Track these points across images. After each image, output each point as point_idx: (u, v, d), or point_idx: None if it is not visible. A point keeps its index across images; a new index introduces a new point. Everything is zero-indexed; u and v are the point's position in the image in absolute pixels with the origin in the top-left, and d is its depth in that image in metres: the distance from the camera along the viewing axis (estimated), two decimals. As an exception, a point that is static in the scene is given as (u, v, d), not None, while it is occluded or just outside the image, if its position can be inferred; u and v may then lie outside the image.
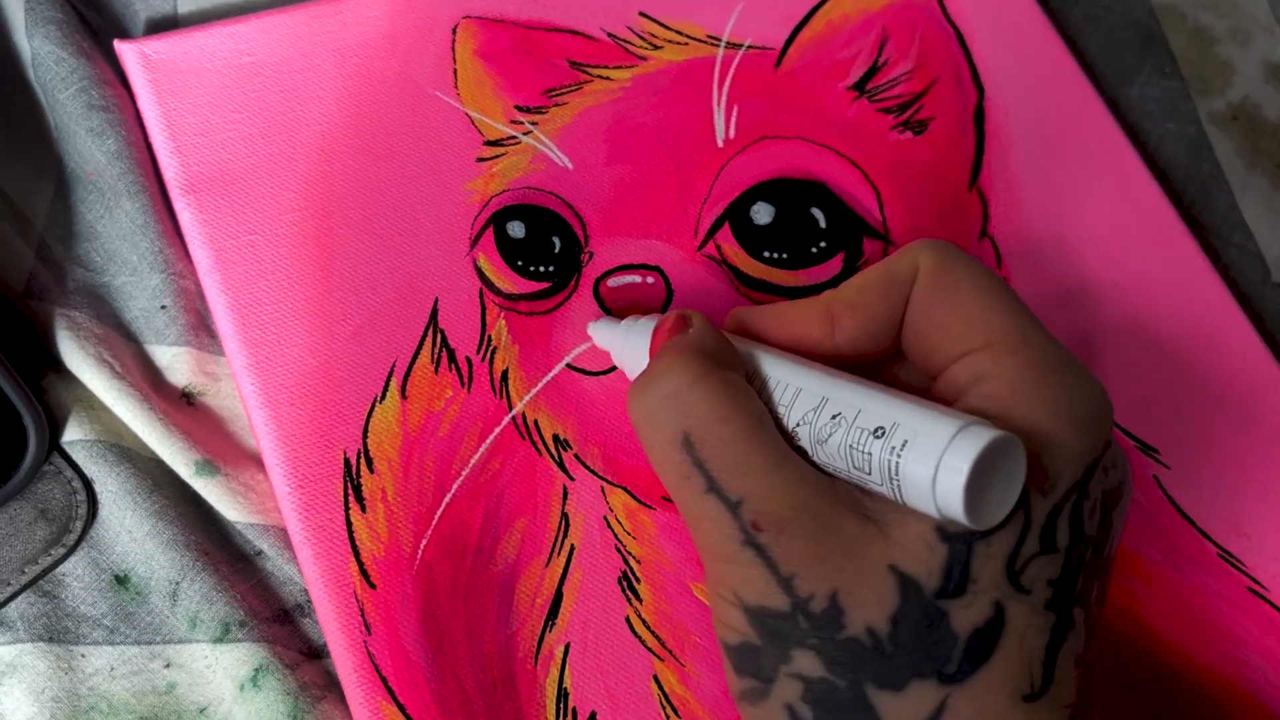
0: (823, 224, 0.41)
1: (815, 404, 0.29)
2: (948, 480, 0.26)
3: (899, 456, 0.27)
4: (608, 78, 0.43)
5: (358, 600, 0.34)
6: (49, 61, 0.39)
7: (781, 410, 0.30)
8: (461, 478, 0.36)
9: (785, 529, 0.28)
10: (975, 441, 0.26)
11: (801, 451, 0.29)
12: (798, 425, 0.29)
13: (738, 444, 0.28)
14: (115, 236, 0.39)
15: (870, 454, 0.28)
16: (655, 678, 0.34)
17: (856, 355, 0.31)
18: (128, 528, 0.35)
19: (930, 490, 0.26)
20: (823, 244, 0.41)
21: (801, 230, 0.41)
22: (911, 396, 0.29)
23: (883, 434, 0.27)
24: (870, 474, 0.28)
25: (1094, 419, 0.28)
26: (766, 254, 0.40)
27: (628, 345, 0.35)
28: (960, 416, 0.27)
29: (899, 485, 0.27)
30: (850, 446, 0.28)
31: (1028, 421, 0.28)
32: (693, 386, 0.29)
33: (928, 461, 0.26)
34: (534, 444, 0.37)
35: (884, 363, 0.32)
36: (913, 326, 0.31)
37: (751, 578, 0.28)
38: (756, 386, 0.31)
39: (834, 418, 0.29)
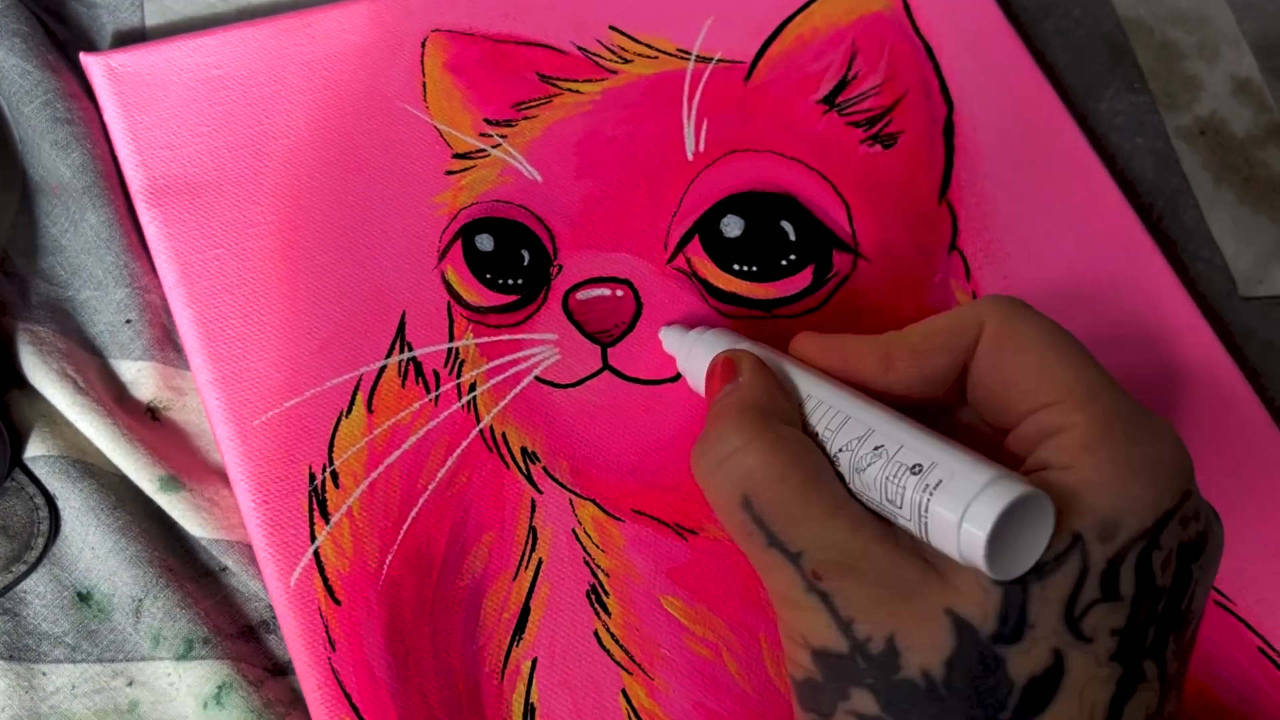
0: (792, 237, 0.41)
1: (860, 433, 0.30)
2: (971, 529, 0.26)
3: (930, 495, 0.27)
4: (578, 91, 0.43)
5: (322, 617, 0.34)
6: (13, 74, 0.39)
7: (826, 435, 0.30)
8: (428, 491, 0.36)
9: (844, 576, 0.28)
10: (1005, 494, 0.26)
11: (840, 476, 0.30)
12: (839, 451, 0.30)
13: (795, 499, 0.29)
14: (80, 250, 0.38)
15: (904, 489, 0.28)
16: (624, 692, 0.34)
17: (908, 397, 0.32)
18: (90, 544, 0.35)
19: (955, 534, 0.27)
20: (792, 257, 0.41)
21: (771, 243, 0.41)
22: (955, 443, 0.29)
23: (919, 471, 0.28)
24: (901, 509, 0.28)
25: (1167, 470, 0.28)
26: (736, 267, 0.40)
27: (691, 359, 0.36)
28: (997, 468, 0.27)
29: (926, 524, 0.27)
30: (886, 479, 0.28)
31: (1092, 473, 0.28)
32: (746, 450, 0.30)
33: (956, 506, 0.27)
34: (501, 457, 0.37)
35: (942, 406, 0.32)
36: (980, 382, 0.31)
37: (815, 622, 0.29)
38: (808, 409, 0.31)
39: (876, 449, 0.29)
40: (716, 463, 0.30)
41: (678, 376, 0.38)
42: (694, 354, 0.36)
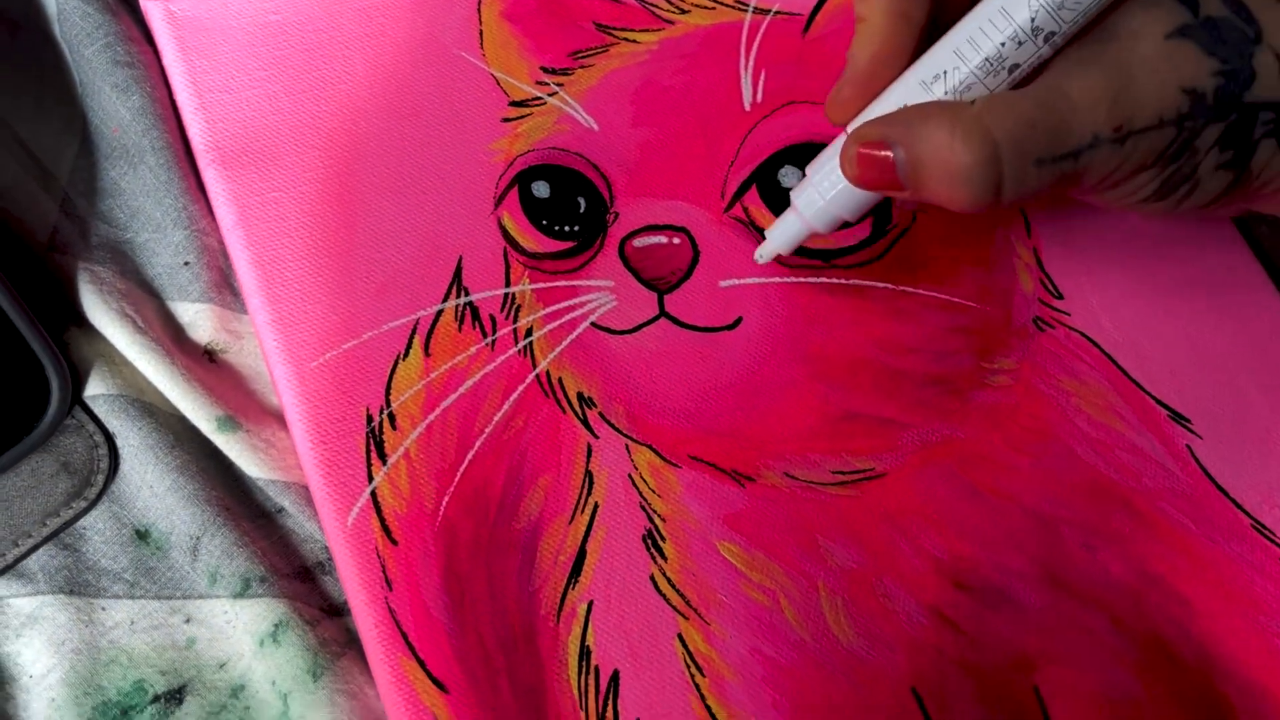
0: (851, 189, 0.41)
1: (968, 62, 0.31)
2: None
3: None
4: (634, 41, 0.42)
5: (379, 556, 0.34)
6: (74, 16, 0.39)
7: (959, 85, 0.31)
8: (484, 435, 0.36)
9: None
10: None
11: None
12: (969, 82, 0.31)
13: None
14: (139, 193, 0.38)
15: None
16: (679, 636, 0.34)
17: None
18: (149, 482, 0.35)
19: None
20: (851, 208, 0.40)
21: (829, 195, 0.40)
22: None
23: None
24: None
25: None
26: (794, 217, 0.40)
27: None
28: None
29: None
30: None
31: None
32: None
33: None
34: (558, 402, 0.36)
35: None
36: None
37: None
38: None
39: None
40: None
41: (735, 324, 0.38)
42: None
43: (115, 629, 0.34)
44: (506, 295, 0.38)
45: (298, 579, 0.35)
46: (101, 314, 0.36)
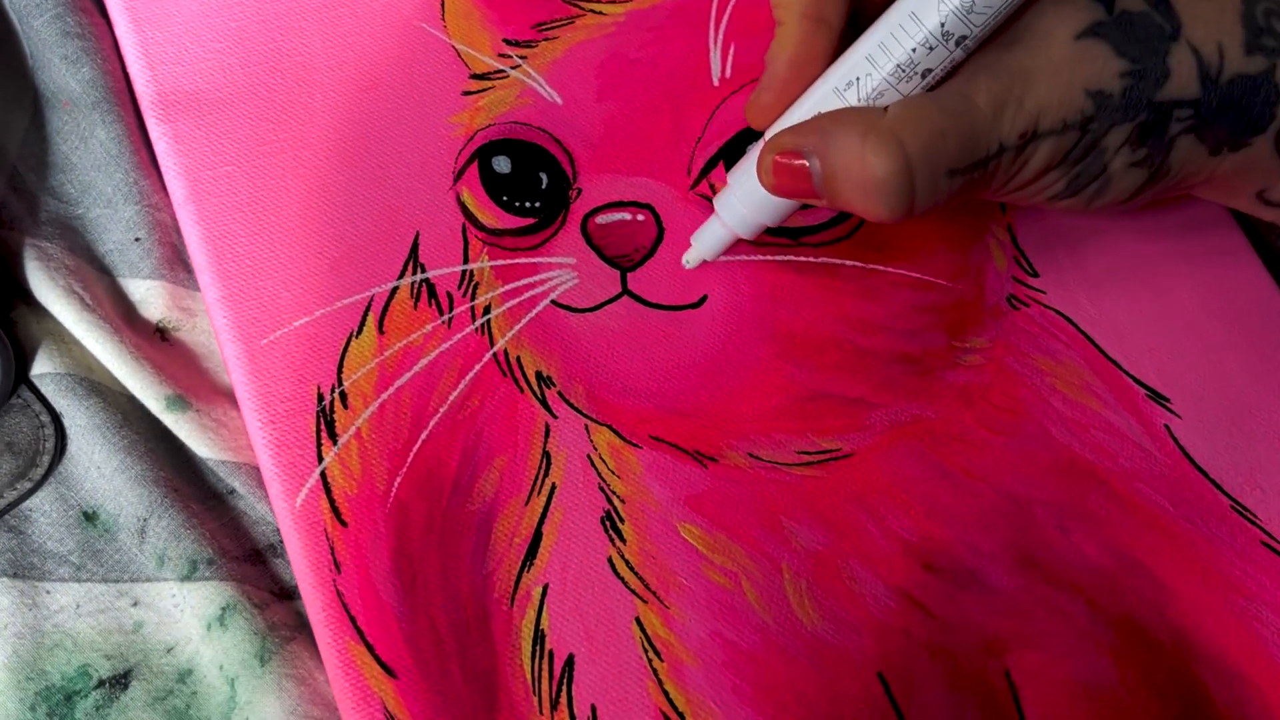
0: (821, 164, 0.40)
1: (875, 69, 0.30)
2: None
3: None
4: (600, 12, 0.41)
5: (328, 538, 0.33)
6: (23, -13, 0.38)
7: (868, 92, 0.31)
8: (439, 414, 0.35)
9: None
10: None
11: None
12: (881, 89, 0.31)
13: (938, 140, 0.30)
14: (90, 167, 0.37)
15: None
16: (637, 620, 0.33)
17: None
18: (96, 463, 0.34)
19: None
20: (821, 184, 0.39)
21: (799, 170, 0.39)
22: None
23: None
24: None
25: None
26: (762, 194, 0.39)
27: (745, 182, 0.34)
28: None
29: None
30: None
31: None
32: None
33: None
34: (515, 381, 0.35)
35: None
36: None
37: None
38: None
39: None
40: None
41: (698, 303, 0.37)
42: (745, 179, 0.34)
43: (60, 613, 0.33)
44: (464, 272, 0.37)
45: (247, 561, 0.34)
46: (49, 291, 0.35)
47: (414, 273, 0.36)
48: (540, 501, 0.34)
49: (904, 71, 0.30)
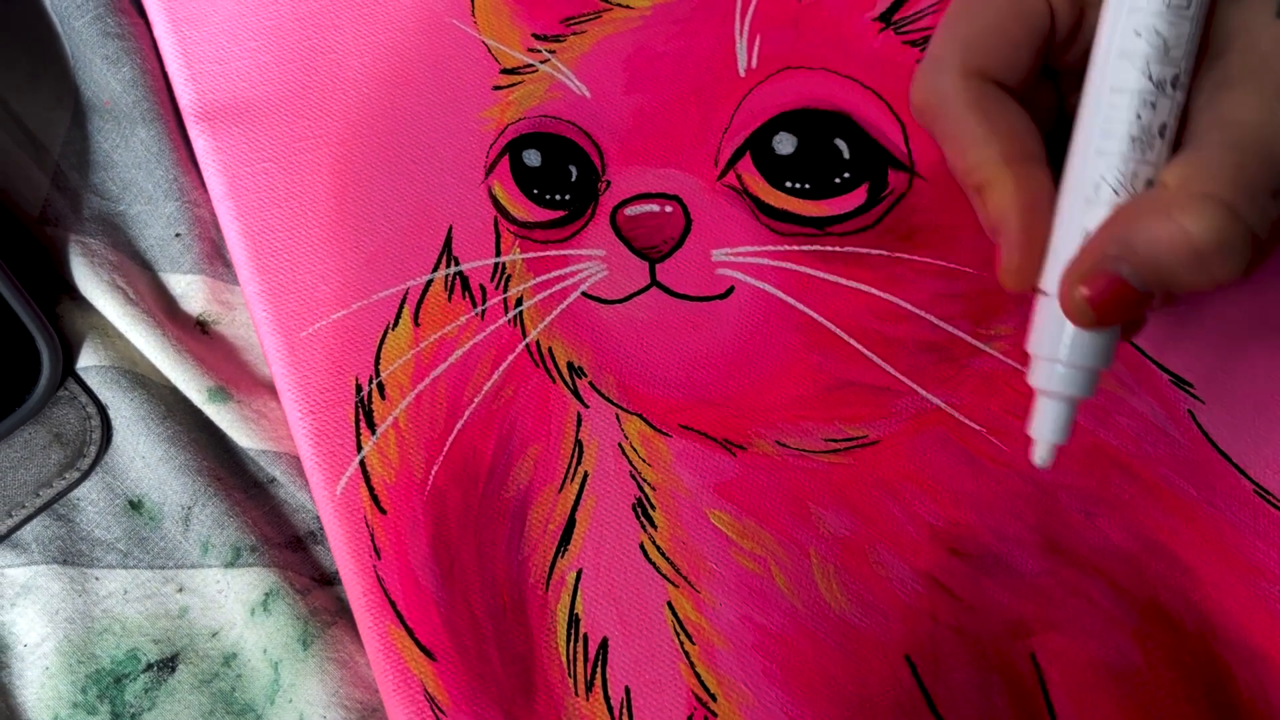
0: (846, 155, 0.40)
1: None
2: None
3: None
4: (628, 6, 0.42)
5: (368, 525, 0.34)
6: (64, -11, 0.39)
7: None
8: (474, 404, 0.35)
9: None
10: None
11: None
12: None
13: None
14: (130, 165, 0.38)
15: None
16: (669, 604, 0.34)
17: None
18: (141, 453, 0.35)
19: None
20: (846, 174, 0.40)
21: (825, 161, 0.40)
22: None
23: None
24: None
25: None
26: (789, 184, 0.39)
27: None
28: None
29: None
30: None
31: None
32: None
33: None
34: (548, 371, 0.36)
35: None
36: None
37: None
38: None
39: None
40: None
41: (726, 293, 0.37)
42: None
43: (109, 598, 0.34)
44: (497, 265, 0.37)
45: (289, 548, 0.35)
46: (93, 286, 0.36)
47: (447, 266, 0.37)
48: (573, 489, 0.35)
49: (1142, 142, 0.28)
